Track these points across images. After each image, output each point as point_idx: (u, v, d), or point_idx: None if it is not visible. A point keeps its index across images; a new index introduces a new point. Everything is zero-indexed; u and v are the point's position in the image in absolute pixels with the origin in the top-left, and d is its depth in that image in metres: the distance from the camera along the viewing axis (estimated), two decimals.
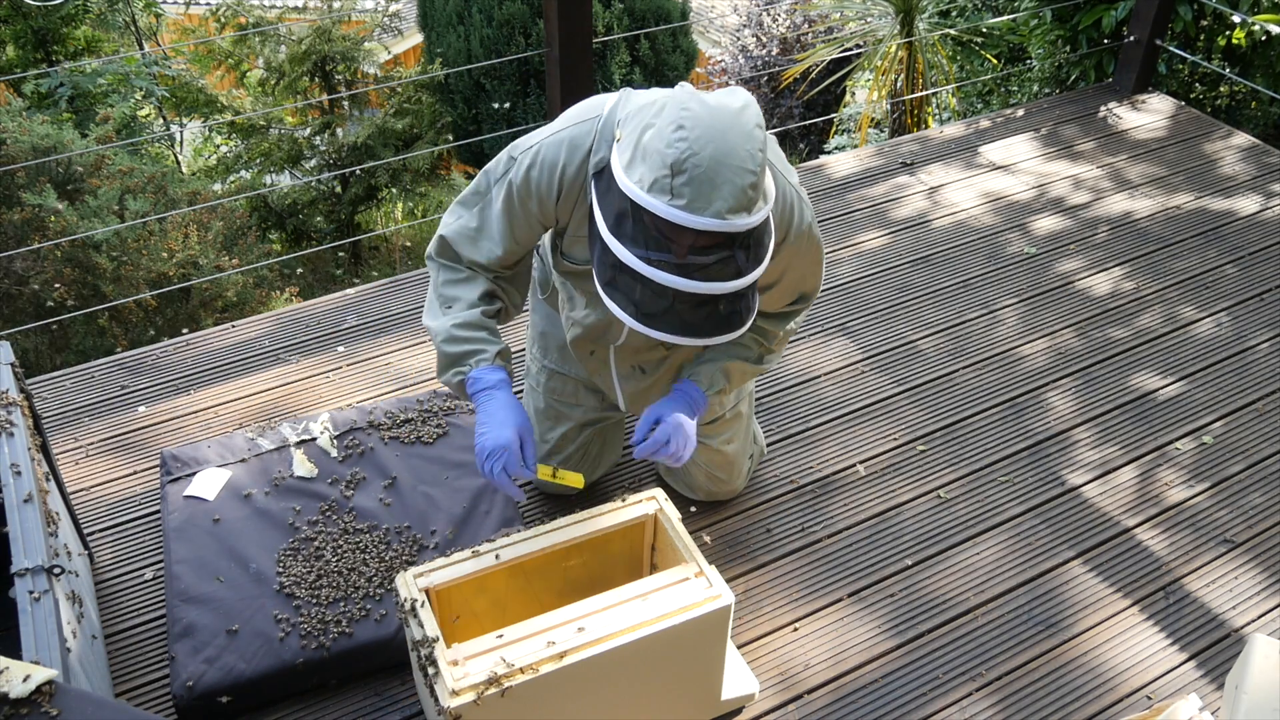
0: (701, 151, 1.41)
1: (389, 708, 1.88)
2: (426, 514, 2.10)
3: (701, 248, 1.44)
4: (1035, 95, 4.77)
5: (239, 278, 4.91)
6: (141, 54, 7.46)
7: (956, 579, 2.13)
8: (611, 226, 1.51)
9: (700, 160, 1.41)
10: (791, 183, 1.71)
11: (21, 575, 1.46)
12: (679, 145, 1.42)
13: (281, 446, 2.23)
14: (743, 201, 1.43)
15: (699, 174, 1.41)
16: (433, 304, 1.82)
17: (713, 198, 1.41)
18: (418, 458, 2.22)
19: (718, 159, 1.41)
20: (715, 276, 1.46)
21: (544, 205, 1.73)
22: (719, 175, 1.41)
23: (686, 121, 1.43)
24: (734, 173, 1.42)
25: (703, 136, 1.42)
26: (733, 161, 1.42)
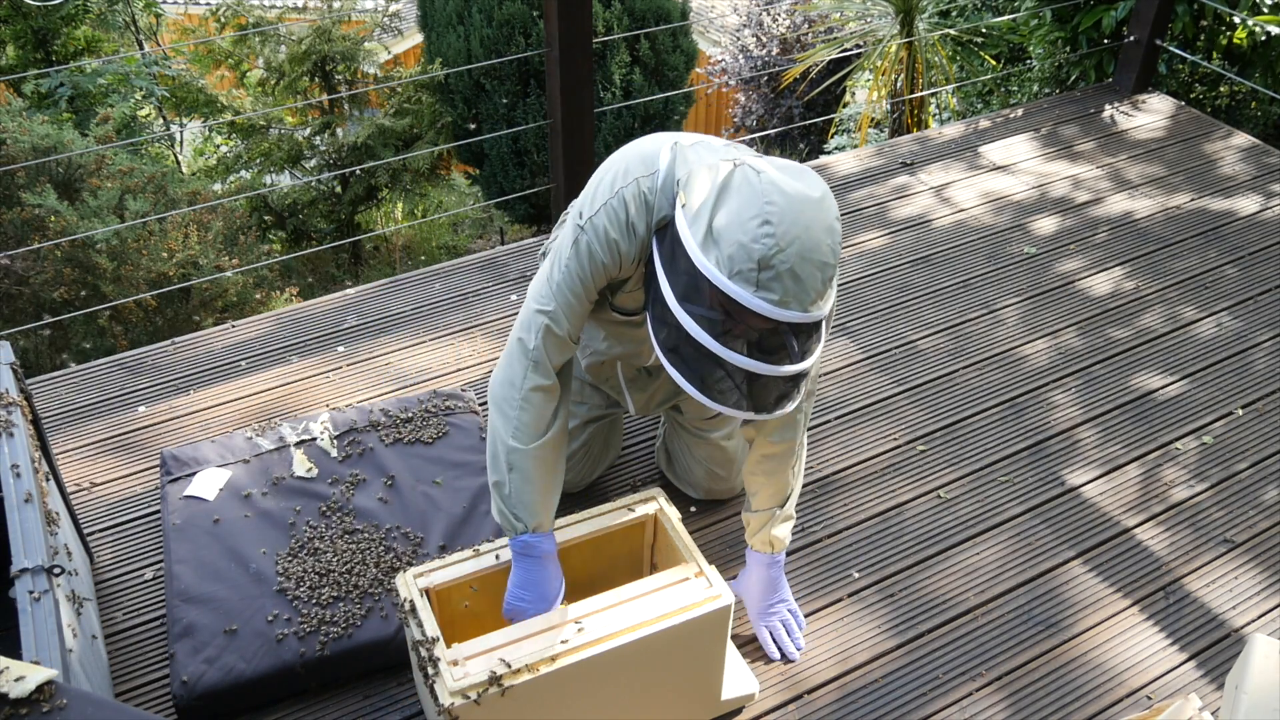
0: (789, 248, 1.42)
1: (389, 708, 1.88)
2: (426, 514, 2.10)
3: (775, 333, 1.47)
4: (1035, 95, 4.77)
5: (239, 278, 4.91)
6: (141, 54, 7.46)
7: (957, 579, 2.13)
8: (680, 298, 1.50)
9: (788, 257, 1.42)
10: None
11: (21, 575, 1.46)
12: (766, 241, 1.42)
13: (281, 446, 2.23)
14: (823, 293, 1.46)
15: (786, 270, 1.42)
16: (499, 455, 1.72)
17: (798, 292, 1.43)
18: (418, 458, 2.22)
19: (804, 255, 1.43)
20: (785, 360, 1.49)
21: (612, 274, 1.69)
22: (804, 271, 1.43)
23: (773, 217, 1.43)
24: (818, 268, 1.45)
25: (789, 233, 1.43)
26: (817, 258, 1.44)
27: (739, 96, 7.72)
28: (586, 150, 3.07)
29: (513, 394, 1.70)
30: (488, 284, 2.93)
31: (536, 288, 1.72)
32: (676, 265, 1.51)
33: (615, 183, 1.64)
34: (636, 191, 1.62)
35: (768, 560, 1.96)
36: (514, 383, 1.70)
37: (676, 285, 1.51)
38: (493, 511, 1.78)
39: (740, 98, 7.70)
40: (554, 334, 1.68)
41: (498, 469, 1.71)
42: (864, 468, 2.38)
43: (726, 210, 1.46)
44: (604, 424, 2.21)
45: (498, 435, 1.71)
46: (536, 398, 1.70)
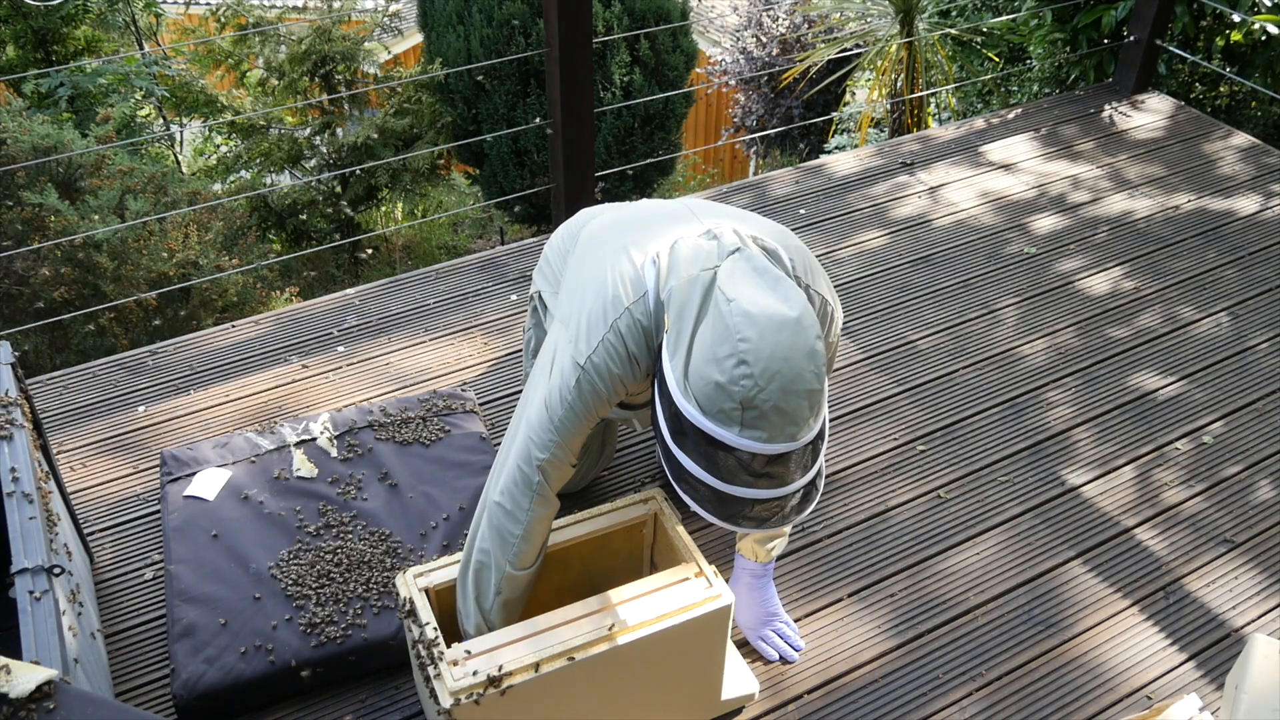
0: (769, 386, 1.37)
1: (389, 708, 1.88)
2: (426, 514, 2.10)
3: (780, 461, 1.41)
4: (1035, 95, 4.77)
5: (239, 278, 4.91)
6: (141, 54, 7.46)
7: (956, 579, 2.13)
8: (673, 435, 1.46)
9: (770, 395, 1.37)
10: (826, 296, 1.69)
11: (21, 575, 1.46)
12: (745, 384, 1.37)
13: (281, 446, 2.23)
14: (812, 417, 1.41)
15: (770, 408, 1.37)
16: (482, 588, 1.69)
17: (785, 425, 1.38)
18: (418, 458, 2.22)
19: (786, 389, 1.37)
20: (785, 480, 1.43)
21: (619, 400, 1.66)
22: (790, 404, 1.38)
23: (748, 355, 1.37)
24: (804, 398, 1.39)
25: (767, 370, 1.37)
26: (799, 388, 1.38)
27: (739, 96, 7.73)
28: (586, 150, 3.07)
29: (514, 526, 1.65)
30: (488, 284, 2.93)
31: (537, 421, 1.63)
32: (667, 401, 1.47)
33: (607, 314, 1.59)
34: (631, 322, 1.57)
35: (751, 567, 1.95)
36: (517, 515, 1.64)
37: (670, 422, 1.47)
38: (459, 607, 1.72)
39: (740, 98, 7.70)
40: (557, 468, 1.64)
41: (483, 586, 1.67)
42: (864, 468, 2.38)
43: (701, 346, 1.42)
44: (599, 426, 2.21)
45: (492, 558, 1.66)
46: (539, 527, 1.66)
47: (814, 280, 1.68)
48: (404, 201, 7.31)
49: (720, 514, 1.46)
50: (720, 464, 1.41)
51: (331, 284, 6.70)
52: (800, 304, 1.44)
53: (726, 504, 1.45)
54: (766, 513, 1.46)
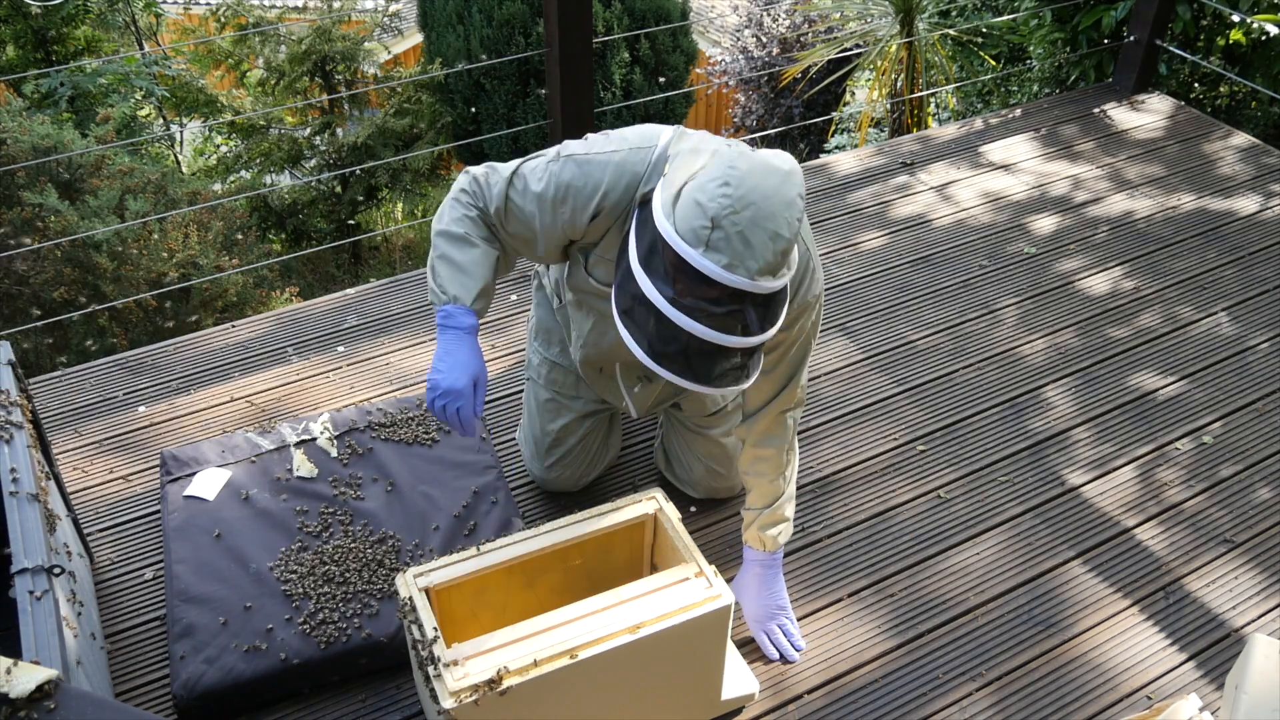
0: (742, 211, 1.43)
1: (389, 708, 1.88)
2: (426, 514, 2.10)
3: (723, 300, 1.46)
4: (1035, 95, 4.77)
5: (239, 278, 4.91)
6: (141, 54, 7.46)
7: (956, 579, 2.13)
8: (642, 259, 1.53)
9: (739, 219, 1.43)
10: (813, 253, 1.75)
11: (21, 575, 1.46)
12: (721, 200, 1.43)
13: (281, 446, 2.23)
14: (772, 265, 1.45)
15: (735, 232, 1.43)
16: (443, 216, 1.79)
17: (745, 257, 1.43)
18: (418, 458, 2.22)
19: (756, 220, 1.43)
20: (730, 329, 1.48)
21: (576, 217, 1.71)
22: (755, 236, 1.43)
23: (732, 179, 1.44)
24: (770, 236, 1.44)
25: (745, 196, 1.43)
26: (769, 225, 1.44)
27: (739, 96, 7.72)
28: None
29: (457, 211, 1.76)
30: None
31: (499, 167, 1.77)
32: (644, 231, 1.55)
33: (609, 143, 1.69)
34: (623, 159, 1.66)
35: (758, 557, 1.97)
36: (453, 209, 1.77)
37: (641, 248, 1.54)
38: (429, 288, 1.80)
39: (740, 98, 7.70)
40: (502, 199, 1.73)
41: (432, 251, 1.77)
42: (864, 468, 2.38)
43: (696, 180, 1.49)
44: (601, 420, 2.21)
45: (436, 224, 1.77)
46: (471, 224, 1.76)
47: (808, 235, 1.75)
48: (404, 201, 7.31)
49: (654, 351, 1.52)
50: (676, 293, 1.48)
51: (331, 284, 6.70)
52: (792, 165, 1.51)
53: (665, 339, 1.51)
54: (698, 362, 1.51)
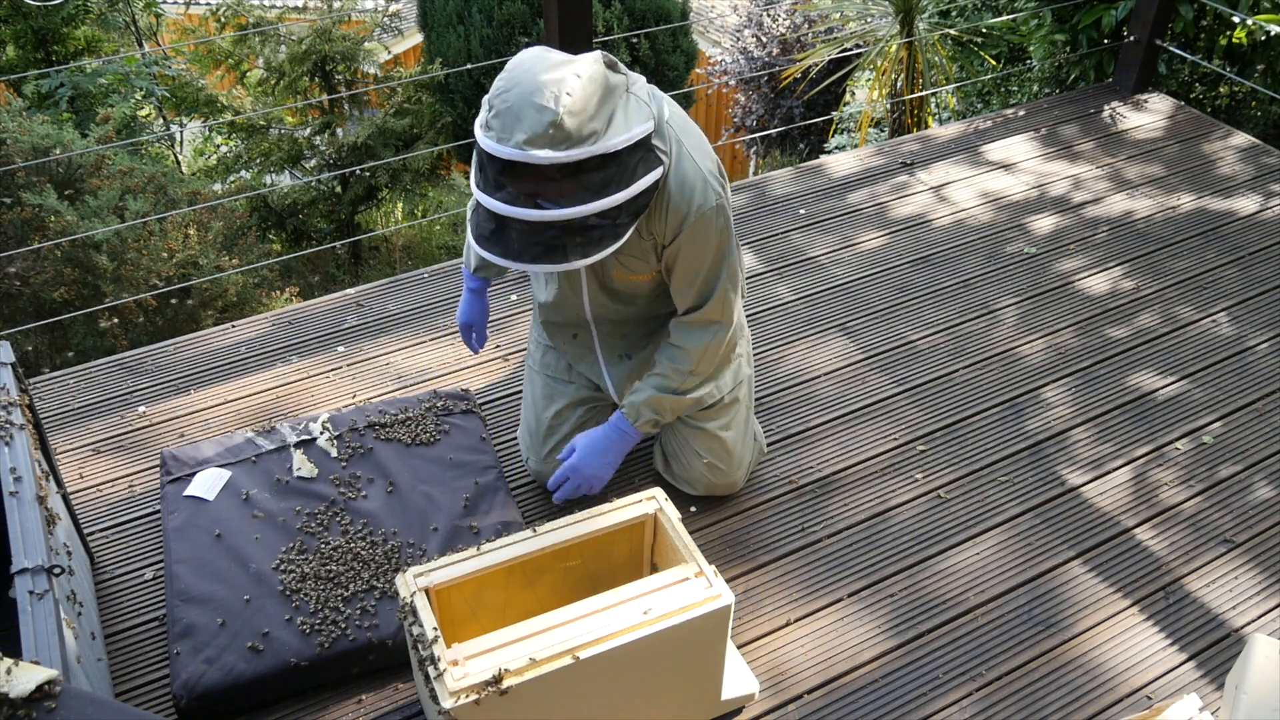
0: (510, 91, 1.62)
1: (389, 708, 1.88)
2: (426, 514, 2.10)
3: (513, 177, 1.64)
4: (1035, 95, 4.77)
5: (239, 278, 4.91)
6: (141, 54, 7.46)
7: (956, 579, 2.14)
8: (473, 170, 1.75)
9: (508, 98, 1.62)
10: (702, 166, 1.84)
11: (21, 575, 1.46)
12: (495, 87, 1.65)
13: (281, 447, 2.23)
14: (543, 138, 1.60)
15: (504, 109, 1.62)
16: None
17: (514, 130, 1.61)
18: (418, 458, 2.22)
19: (523, 97, 1.60)
20: (522, 204, 1.65)
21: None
22: (521, 110, 1.60)
23: (508, 68, 1.66)
24: (535, 109, 1.60)
25: (515, 79, 1.63)
26: (535, 100, 1.60)
27: (739, 96, 7.73)
28: None
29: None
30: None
31: None
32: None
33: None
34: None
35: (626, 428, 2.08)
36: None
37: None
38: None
39: (740, 98, 7.70)
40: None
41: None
42: (864, 468, 2.38)
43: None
44: (597, 410, 2.21)
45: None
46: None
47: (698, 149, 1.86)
48: (404, 201, 7.31)
49: (480, 236, 1.73)
50: (480, 176, 1.69)
51: (331, 284, 6.70)
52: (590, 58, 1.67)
53: (480, 222, 1.72)
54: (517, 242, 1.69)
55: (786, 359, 2.68)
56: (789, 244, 3.11)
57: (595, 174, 1.66)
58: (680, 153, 1.82)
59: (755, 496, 2.30)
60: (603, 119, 1.66)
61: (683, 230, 1.84)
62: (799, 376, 2.63)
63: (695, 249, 1.88)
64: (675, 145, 1.82)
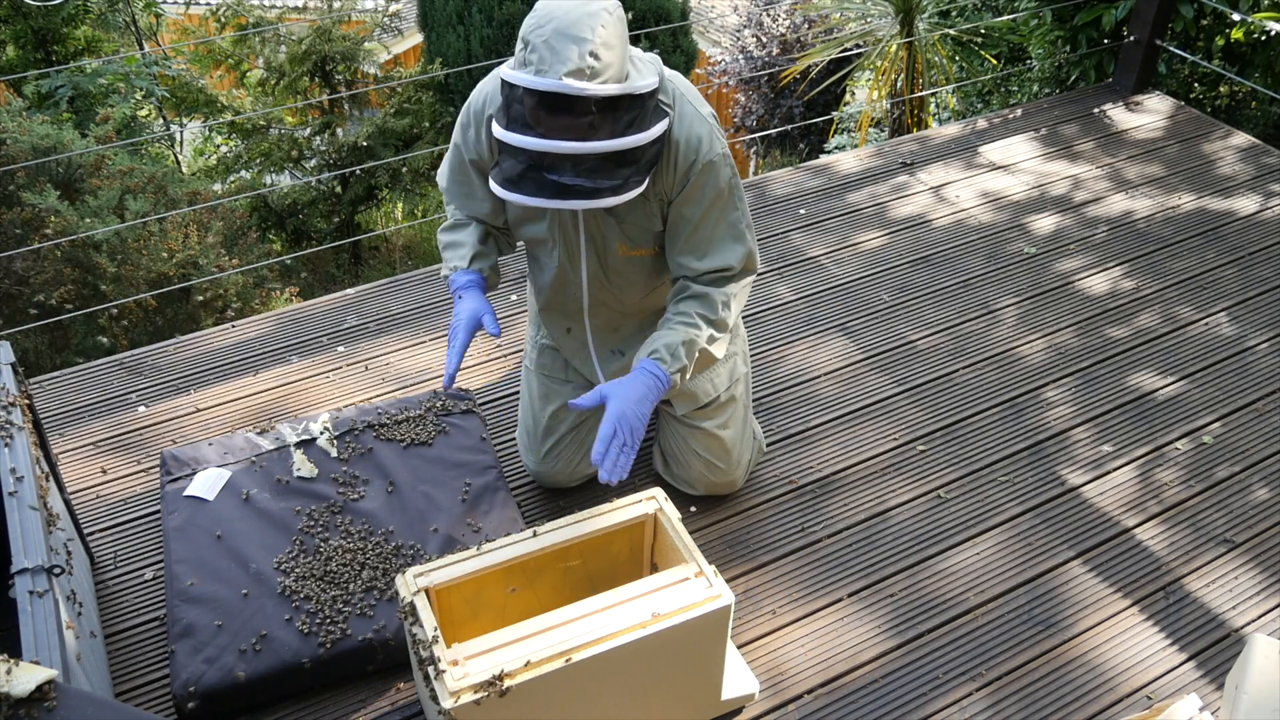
0: (546, 25, 1.63)
1: (389, 708, 1.88)
2: (426, 514, 2.10)
3: (551, 110, 1.63)
4: (1035, 95, 4.77)
5: (239, 278, 4.91)
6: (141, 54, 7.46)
7: (956, 579, 2.14)
8: (497, 116, 1.72)
9: (544, 32, 1.63)
10: (703, 114, 1.86)
11: (21, 575, 1.46)
12: (529, 23, 1.66)
13: (281, 447, 2.23)
14: (582, 69, 1.61)
15: (541, 42, 1.62)
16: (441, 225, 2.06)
17: (553, 62, 1.61)
18: (417, 458, 2.22)
19: (560, 30, 1.62)
20: (551, 133, 1.64)
21: (477, 134, 1.91)
22: (559, 43, 1.61)
23: (542, 7, 1.67)
24: (573, 41, 1.61)
25: (550, 13, 1.64)
26: (573, 32, 1.61)
27: (739, 96, 7.73)
28: None
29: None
30: None
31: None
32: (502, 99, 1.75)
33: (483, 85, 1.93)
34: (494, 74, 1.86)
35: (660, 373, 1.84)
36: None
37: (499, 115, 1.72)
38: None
39: (740, 98, 7.70)
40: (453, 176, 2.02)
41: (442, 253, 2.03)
42: (864, 468, 2.38)
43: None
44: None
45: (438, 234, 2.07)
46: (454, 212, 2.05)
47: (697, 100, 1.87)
48: (404, 201, 7.31)
49: (508, 180, 1.69)
50: (510, 115, 1.67)
51: (331, 284, 6.69)
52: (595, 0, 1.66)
53: (510, 165, 1.69)
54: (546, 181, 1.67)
55: (786, 359, 2.68)
56: (789, 244, 3.11)
57: (625, 113, 1.68)
58: (683, 106, 1.84)
59: (755, 496, 2.30)
60: (628, 62, 1.70)
61: (690, 179, 1.85)
62: (799, 376, 2.63)
63: (708, 198, 1.87)
64: (678, 99, 1.84)
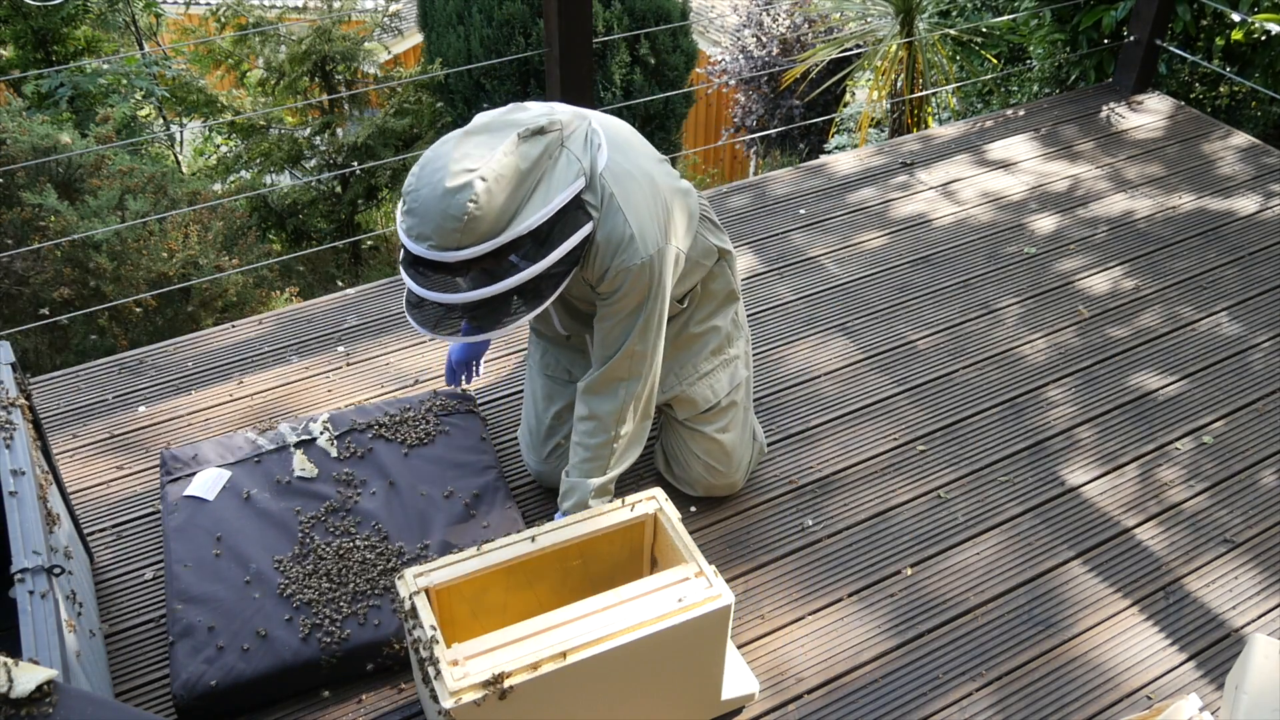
0: (420, 190, 1.63)
1: (389, 708, 1.88)
2: (426, 514, 2.10)
3: (413, 261, 1.67)
4: (1035, 95, 4.77)
5: (239, 278, 4.91)
6: (141, 54, 7.46)
7: (956, 579, 2.13)
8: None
9: (417, 198, 1.63)
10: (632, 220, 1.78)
11: (21, 575, 1.46)
12: (409, 180, 1.65)
13: (281, 447, 2.23)
14: (451, 243, 1.61)
15: (415, 208, 1.63)
16: None
17: (419, 226, 1.63)
18: (417, 458, 2.22)
19: (430, 201, 1.62)
20: (426, 283, 1.67)
21: None
22: (427, 209, 1.62)
23: (424, 162, 1.66)
24: (441, 216, 1.61)
25: (424, 178, 1.63)
26: (440, 208, 1.61)
27: (739, 96, 7.73)
28: None
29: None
30: None
31: None
32: None
33: None
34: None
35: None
36: None
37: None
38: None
39: (740, 98, 7.70)
40: None
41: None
42: (864, 468, 2.38)
43: None
44: None
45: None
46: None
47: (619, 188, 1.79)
48: None
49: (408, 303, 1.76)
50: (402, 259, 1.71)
51: (331, 284, 6.69)
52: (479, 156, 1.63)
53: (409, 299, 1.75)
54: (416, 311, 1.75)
55: (786, 359, 2.68)
56: (789, 244, 3.11)
57: (508, 255, 1.67)
58: (610, 207, 1.78)
59: (755, 496, 2.30)
60: (517, 201, 1.65)
61: (604, 279, 1.82)
62: (799, 376, 2.63)
63: (616, 300, 1.85)
64: (606, 199, 1.78)
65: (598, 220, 1.77)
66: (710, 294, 2.14)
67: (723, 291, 2.15)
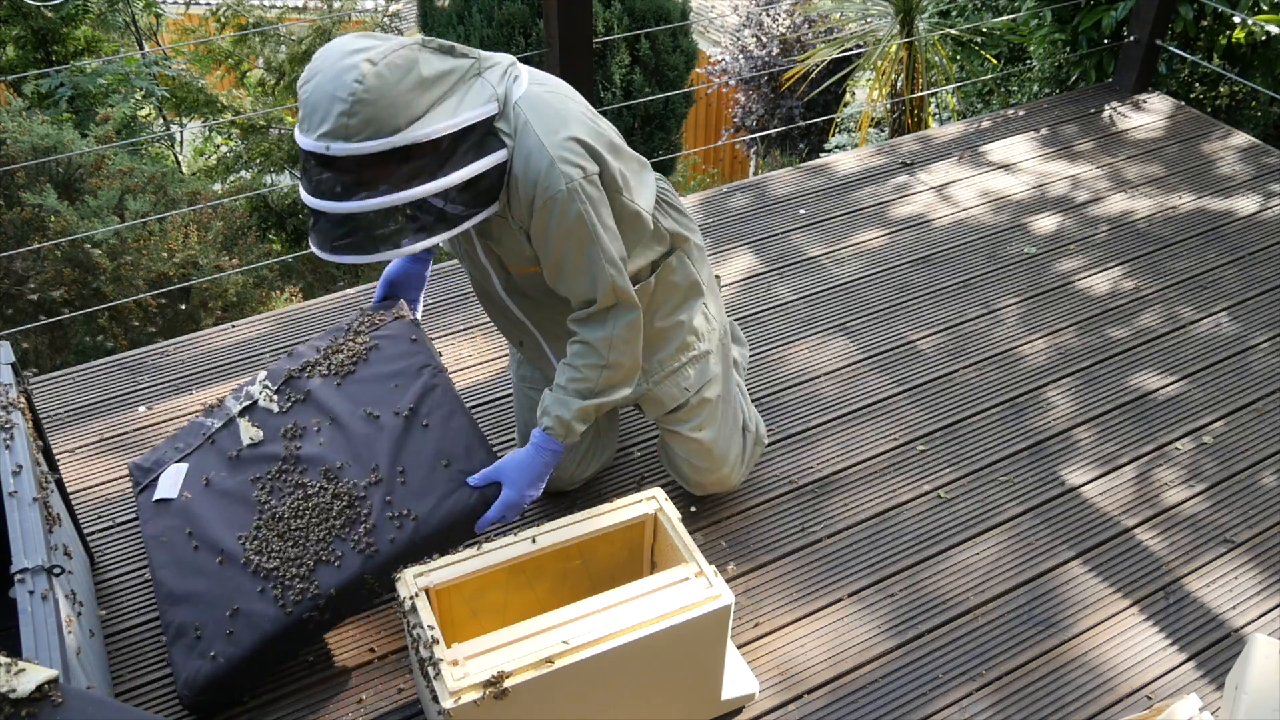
0: (309, 82, 1.61)
1: (389, 708, 1.88)
2: (371, 438, 1.99)
3: (311, 164, 1.63)
4: (1035, 95, 4.77)
5: (239, 278, 4.91)
6: (141, 54, 7.46)
7: (956, 579, 2.13)
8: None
9: (309, 89, 1.60)
10: (549, 147, 1.70)
11: (22, 575, 1.46)
12: (304, 73, 1.63)
13: (229, 420, 2.13)
14: (339, 130, 1.57)
15: (306, 99, 1.60)
16: None
17: (314, 121, 1.59)
18: (354, 384, 2.09)
19: (320, 86, 1.58)
20: (327, 195, 1.63)
21: None
22: (318, 99, 1.58)
23: (317, 56, 1.63)
24: (329, 101, 1.57)
25: (316, 67, 1.61)
26: (329, 90, 1.57)
27: (739, 96, 7.72)
28: None
29: None
30: None
31: None
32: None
33: None
34: None
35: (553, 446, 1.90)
36: None
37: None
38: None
39: (740, 98, 7.70)
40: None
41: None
42: (864, 468, 2.38)
43: None
44: None
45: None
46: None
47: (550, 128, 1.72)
48: None
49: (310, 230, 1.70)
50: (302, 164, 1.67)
51: (331, 284, 6.69)
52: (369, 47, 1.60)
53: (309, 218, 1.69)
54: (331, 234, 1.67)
55: (786, 359, 2.68)
56: (789, 244, 3.11)
57: (403, 165, 1.61)
58: (524, 134, 1.70)
59: (755, 496, 2.30)
60: (417, 107, 1.60)
61: (533, 215, 1.74)
62: (799, 376, 2.63)
63: (552, 235, 1.76)
64: (521, 129, 1.71)
65: (512, 149, 1.71)
66: (669, 287, 2.03)
67: (684, 284, 2.04)
